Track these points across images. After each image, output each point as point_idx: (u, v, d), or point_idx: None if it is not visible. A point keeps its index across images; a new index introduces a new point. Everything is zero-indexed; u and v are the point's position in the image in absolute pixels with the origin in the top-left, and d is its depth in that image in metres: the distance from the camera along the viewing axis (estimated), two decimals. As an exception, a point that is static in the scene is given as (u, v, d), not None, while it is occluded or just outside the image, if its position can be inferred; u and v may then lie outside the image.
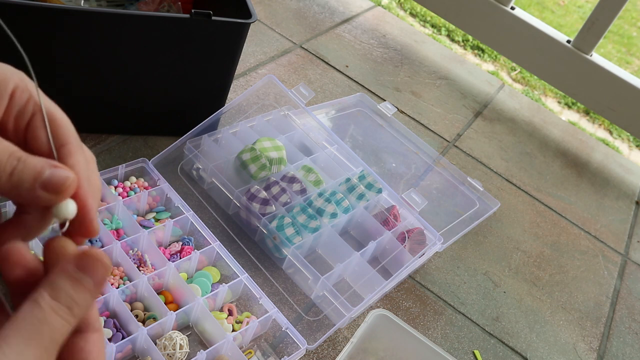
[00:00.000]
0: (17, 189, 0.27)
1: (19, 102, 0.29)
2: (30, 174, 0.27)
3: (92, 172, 0.31)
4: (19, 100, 0.29)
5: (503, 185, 1.18)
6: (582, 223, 1.17)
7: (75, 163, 0.29)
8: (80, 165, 0.29)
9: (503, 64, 1.84)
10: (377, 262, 0.89)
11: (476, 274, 0.97)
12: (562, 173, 1.29)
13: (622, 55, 2.36)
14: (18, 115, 0.29)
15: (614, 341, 0.96)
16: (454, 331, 0.87)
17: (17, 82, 0.29)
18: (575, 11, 2.57)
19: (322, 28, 1.42)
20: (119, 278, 0.74)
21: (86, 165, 0.30)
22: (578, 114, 1.74)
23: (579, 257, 1.09)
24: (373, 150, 1.09)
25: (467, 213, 1.01)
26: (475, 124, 1.32)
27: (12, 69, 0.29)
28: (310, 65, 1.27)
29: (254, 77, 1.17)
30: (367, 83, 1.30)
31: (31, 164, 0.28)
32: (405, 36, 1.53)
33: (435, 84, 1.40)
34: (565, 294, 1.01)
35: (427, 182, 1.07)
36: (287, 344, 0.75)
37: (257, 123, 0.97)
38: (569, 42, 1.39)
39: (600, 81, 1.38)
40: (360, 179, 0.94)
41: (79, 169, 0.29)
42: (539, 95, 1.77)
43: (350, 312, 0.77)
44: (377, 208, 0.94)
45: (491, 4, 1.43)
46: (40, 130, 0.29)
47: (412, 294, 0.89)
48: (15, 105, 0.29)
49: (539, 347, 0.90)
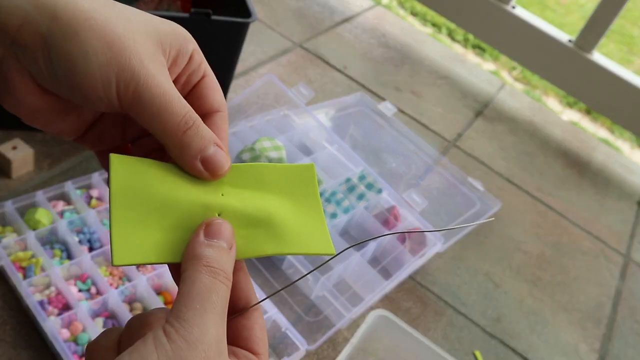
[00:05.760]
0: (182, 150, 0.30)
1: (195, 64, 0.32)
2: (199, 142, 0.30)
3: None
4: (195, 62, 0.32)
5: (504, 185, 1.18)
6: (583, 223, 1.17)
7: (222, 131, 0.33)
8: (225, 134, 0.33)
9: (504, 63, 1.83)
10: (377, 262, 0.88)
11: (477, 275, 0.97)
12: (564, 173, 1.29)
13: (624, 55, 2.36)
14: (191, 74, 0.32)
15: (615, 342, 0.96)
16: (454, 332, 0.87)
17: (195, 46, 0.32)
18: (577, 10, 2.56)
19: (322, 27, 1.41)
20: (118, 278, 0.73)
21: (228, 134, 0.34)
22: (579, 114, 1.74)
23: (580, 258, 1.09)
24: (373, 150, 1.09)
25: (468, 213, 1.01)
26: (476, 123, 1.32)
27: (189, 34, 0.32)
28: (310, 65, 1.27)
29: (254, 77, 1.17)
30: (367, 83, 1.29)
31: (202, 133, 0.30)
32: (405, 35, 1.52)
33: (436, 83, 1.39)
34: (566, 295, 1.00)
35: (428, 182, 1.07)
36: (287, 344, 0.75)
37: (257, 123, 0.97)
38: (571, 42, 1.39)
39: (602, 81, 1.37)
40: (360, 179, 0.93)
41: (223, 137, 0.33)
42: (540, 94, 1.77)
43: (350, 313, 0.77)
44: (377, 208, 0.93)
45: (492, 3, 1.43)
46: (206, 92, 0.33)
47: (413, 295, 0.89)
48: (192, 65, 0.32)
49: (540, 348, 0.90)
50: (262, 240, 0.31)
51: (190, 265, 0.28)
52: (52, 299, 0.68)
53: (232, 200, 0.31)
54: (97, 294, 0.71)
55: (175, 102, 0.29)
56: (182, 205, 0.30)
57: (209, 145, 0.30)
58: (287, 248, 0.31)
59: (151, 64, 0.29)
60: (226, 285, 0.28)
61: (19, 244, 0.72)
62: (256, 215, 0.31)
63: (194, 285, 0.27)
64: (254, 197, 0.32)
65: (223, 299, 0.28)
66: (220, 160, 0.31)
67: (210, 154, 0.31)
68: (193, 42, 0.32)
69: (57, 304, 0.68)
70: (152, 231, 0.29)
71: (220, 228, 0.29)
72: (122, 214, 0.29)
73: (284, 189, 0.33)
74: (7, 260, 0.69)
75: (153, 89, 0.29)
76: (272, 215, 0.31)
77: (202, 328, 0.26)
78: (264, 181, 0.33)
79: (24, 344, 0.65)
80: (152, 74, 0.29)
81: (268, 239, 0.31)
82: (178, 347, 0.25)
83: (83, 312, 0.67)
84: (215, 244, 0.29)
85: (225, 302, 0.28)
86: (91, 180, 0.81)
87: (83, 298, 0.69)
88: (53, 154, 0.86)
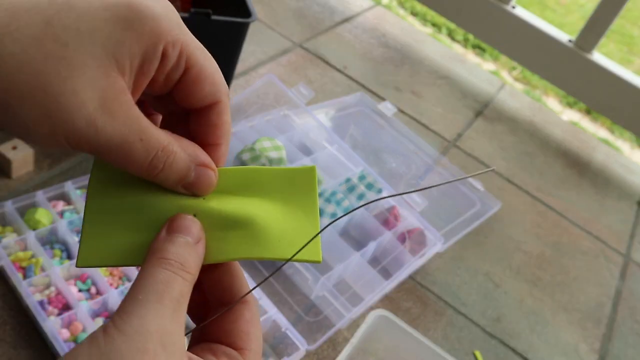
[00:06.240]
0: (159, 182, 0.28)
1: (170, 61, 0.27)
2: (175, 176, 0.28)
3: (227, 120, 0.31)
4: (170, 59, 0.27)
5: (504, 185, 1.18)
6: (583, 223, 1.17)
7: (222, 123, 0.30)
8: (226, 126, 0.30)
9: (504, 63, 1.83)
10: (377, 262, 0.88)
11: (477, 275, 0.97)
12: (563, 173, 1.29)
13: (624, 55, 2.36)
14: (170, 72, 0.28)
15: (615, 342, 0.96)
16: (454, 332, 0.87)
17: (169, 39, 0.26)
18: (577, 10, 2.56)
19: (322, 27, 1.41)
20: (118, 278, 0.73)
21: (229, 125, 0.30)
22: (579, 114, 1.74)
23: (580, 258, 1.09)
24: (373, 150, 1.09)
25: (468, 213, 1.01)
26: (476, 123, 1.32)
27: (167, 17, 0.27)
28: (310, 65, 1.27)
29: (254, 77, 1.16)
30: (367, 83, 1.29)
31: (177, 166, 0.28)
32: (405, 35, 1.52)
33: (436, 83, 1.39)
34: (566, 295, 1.00)
35: (428, 182, 1.07)
36: (287, 344, 0.75)
37: (257, 123, 0.97)
38: (571, 42, 1.39)
39: (602, 81, 1.37)
40: (360, 179, 0.93)
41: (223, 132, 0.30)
42: (540, 94, 1.76)
43: (350, 313, 0.77)
44: (377, 208, 0.93)
45: (492, 3, 1.43)
46: (192, 87, 0.28)
47: (413, 295, 0.89)
48: (167, 64, 0.27)
49: (540, 348, 0.90)
50: (238, 243, 0.29)
51: (146, 260, 0.27)
52: (52, 299, 0.68)
53: (212, 203, 0.29)
54: (97, 294, 0.71)
55: (137, 150, 0.26)
56: (156, 208, 0.29)
57: (188, 174, 0.28)
58: (267, 252, 0.29)
59: (102, 107, 0.25)
60: (182, 277, 0.26)
61: (19, 244, 0.72)
62: (236, 217, 0.29)
63: (142, 279, 0.25)
64: (239, 201, 0.30)
65: (175, 290, 0.25)
66: (204, 183, 0.29)
67: (190, 181, 0.29)
68: (165, 35, 0.26)
69: (57, 304, 0.68)
70: (122, 233, 0.29)
71: (183, 223, 0.28)
72: (95, 217, 0.29)
73: (278, 192, 0.31)
74: (7, 260, 0.69)
75: (109, 142, 0.25)
76: (255, 219, 0.29)
77: (142, 319, 0.24)
78: (255, 185, 0.31)
79: (24, 344, 0.65)
80: (103, 126, 0.25)
81: (246, 241, 0.29)
82: (111, 340, 0.23)
83: (83, 312, 0.67)
84: (176, 238, 0.27)
85: (178, 294, 0.25)
86: (91, 180, 0.81)
87: (83, 298, 0.69)
88: (53, 154, 0.86)
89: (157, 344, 0.24)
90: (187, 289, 0.26)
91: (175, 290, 0.25)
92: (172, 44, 0.27)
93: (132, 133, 0.26)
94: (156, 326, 0.24)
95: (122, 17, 0.25)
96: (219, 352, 0.28)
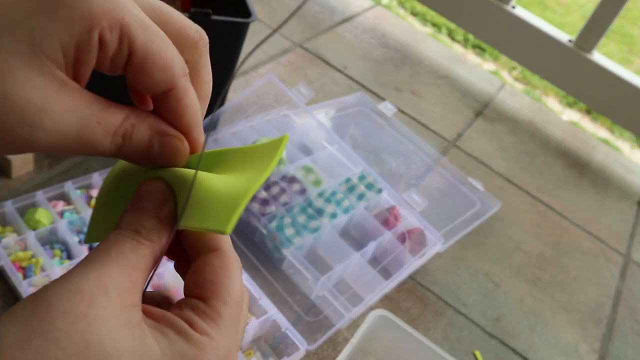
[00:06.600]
0: (128, 160, 0.27)
1: (111, 47, 0.24)
2: (139, 147, 0.26)
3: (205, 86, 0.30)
4: (110, 45, 0.24)
5: (504, 185, 1.18)
6: (583, 223, 1.17)
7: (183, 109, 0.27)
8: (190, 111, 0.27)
9: (504, 63, 1.83)
10: (377, 262, 0.88)
11: (477, 275, 0.97)
12: (563, 173, 1.29)
13: (624, 55, 2.36)
14: (113, 58, 0.25)
15: (615, 342, 0.96)
16: (454, 332, 0.87)
17: (107, 23, 0.23)
18: (577, 10, 2.56)
19: (322, 27, 1.41)
20: (117, 279, 0.73)
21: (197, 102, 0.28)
22: (579, 114, 1.74)
23: (581, 258, 1.09)
24: (373, 150, 1.09)
25: (468, 213, 1.01)
26: (476, 123, 1.32)
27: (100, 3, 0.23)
28: (310, 65, 1.27)
29: (254, 77, 1.17)
30: (367, 83, 1.29)
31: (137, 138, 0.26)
32: (405, 35, 1.52)
33: (436, 83, 1.39)
34: (566, 295, 1.00)
35: (428, 182, 1.07)
36: (286, 344, 0.75)
37: (257, 123, 0.97)
38: (571, 42, 1.39)
39: (602, 80, 1.37)
40: (360, 179, 0.93)
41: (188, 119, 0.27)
42: (540, 94, 1.76)
43: (350, 313, 0.77)
44: (377, 208, 0.93)
45: (492, 3, 1.43)
46: (140, 75, 0.25)
47: (413, 295, 0.89)
48: (108, 50, 0.24)
49: (540, 348, 0.90)
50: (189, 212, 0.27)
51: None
52: (52, 299, 0.68)
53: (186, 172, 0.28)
54: (97, 294, 0.71)
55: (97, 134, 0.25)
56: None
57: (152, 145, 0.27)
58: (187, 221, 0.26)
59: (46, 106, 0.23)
60: (134, 239, 0.25)
61: (19, 244, 0.72)
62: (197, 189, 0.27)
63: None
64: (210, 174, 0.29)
65: (119, 252, 0.24)
66: (169, 151, 0.27)
67: (156, 152, 0.27)
68: (99, 19, 0.23)
69: (57, 304, 0.68)
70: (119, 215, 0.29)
71: (143, 189, 0.27)
72: (104, 200, 0.31)
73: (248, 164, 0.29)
74: (7, 260, 0.69)
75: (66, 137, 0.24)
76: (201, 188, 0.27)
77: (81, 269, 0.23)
78: (234, 161, 0.30)
79: (24, 344, 0.65)
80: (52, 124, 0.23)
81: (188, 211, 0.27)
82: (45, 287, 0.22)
83: (83, 312, 0.66)
84: (133, 207, 0.26)
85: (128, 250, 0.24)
86: (91, 180, 0.81)
87: (83, 298, 0.69)
88: (53, 154, 0.86)
89: (97, 288, 0.22)
90: (143, 251, 0.25)
91: (125, 248, 0.24)
92: (109, 28, 0.24)
93: (87, 119, 0.24)
94: (98, 274, 0.22)
95: (46, 6, 0.22)
96: (183, 303, 0.26)
